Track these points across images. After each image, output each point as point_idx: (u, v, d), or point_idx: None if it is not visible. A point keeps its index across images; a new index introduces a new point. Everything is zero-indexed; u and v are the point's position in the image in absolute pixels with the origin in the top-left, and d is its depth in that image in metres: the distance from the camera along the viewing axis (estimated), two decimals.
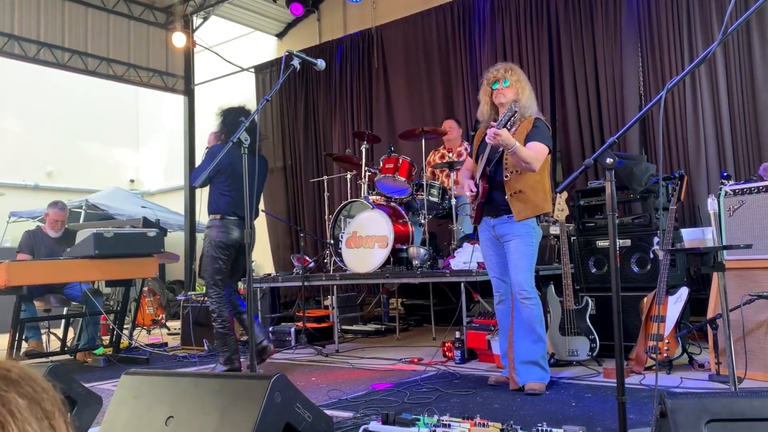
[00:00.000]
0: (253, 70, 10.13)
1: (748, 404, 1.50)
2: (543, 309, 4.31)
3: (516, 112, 3.46)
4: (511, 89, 3.62)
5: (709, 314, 3.66)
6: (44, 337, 5.96)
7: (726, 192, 3.64)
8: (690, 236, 3.23)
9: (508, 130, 3.56)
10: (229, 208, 4.42)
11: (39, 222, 8.57)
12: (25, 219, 10.65)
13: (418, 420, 2.48)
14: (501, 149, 3.51)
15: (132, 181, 14.47)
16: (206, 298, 4.60)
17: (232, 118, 4.47)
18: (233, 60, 10.03)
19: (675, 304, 3.83)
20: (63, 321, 6.00)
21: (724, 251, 3.46)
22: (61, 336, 5.81)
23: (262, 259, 9.99)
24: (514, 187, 3.56)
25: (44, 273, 4.94)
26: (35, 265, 5.02)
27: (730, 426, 1.49)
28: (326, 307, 7.26)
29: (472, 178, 3.79)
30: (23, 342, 5.38)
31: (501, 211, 3.63)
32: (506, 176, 3.60)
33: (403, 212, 5.69)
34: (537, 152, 3.49)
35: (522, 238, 3.56)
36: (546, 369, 3.57)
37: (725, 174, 4.26)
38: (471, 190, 3.70)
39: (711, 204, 3.06)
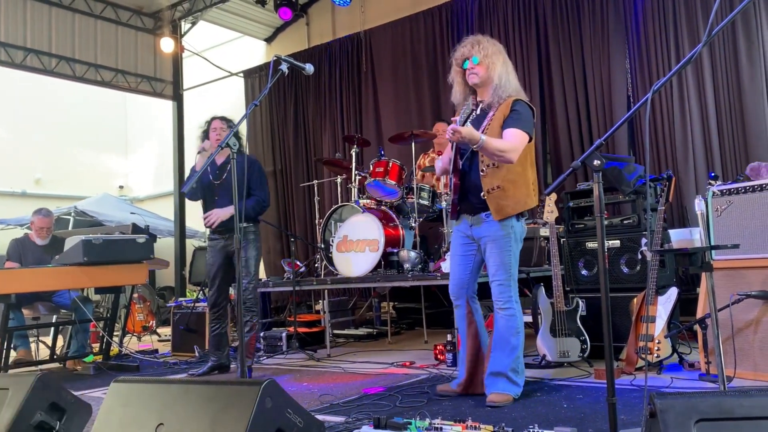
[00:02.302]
0: (242, 74, 10.12)
1: (737, 403, 1.51)
2: (533, 310, 4.34)
3: (473, 110, 3.17)
4: (482, 66, 3.25)
5: (699, 314, 3.68)
6: (33, 346, 5.91)
7: (714, 192, 3.66)
8: (678, 237, 3.25)
9: (480, 117, 3.31)
10: None
11: (26, 229, 8.51)
12: (13, 226, 10.56)
13: (410, 424, 2.48)
14: None
15: (121, 187, 14.40)
16: (245, 293, 4.77)
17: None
18: (222, 65, 10.01)
19: (664, 304, 3.85)
20: (52, 329, 5.95)
21: (712, 251, 3.49)
22: (50, 344, 5.76)
23: None
24: (492, 183, 3.23)
25: (32, 281, 4.90)
26: (23, 272, 4.97)
27: (719, 425, 1.49)
28: (317, 312, 7.25)
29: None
30: (11, 351, 5.33)
31: (478, 209, 3.32)
32: (482, 170, 3.25)
33: (393, 216, 5.69)
34: (512, 141, 3.13)
35: (499, 242, 3.27)
36: (516, 382, 3.31)
37: (713, 174, 4.29)
38: (444, 168, 3.43)
39: (698, 204, 3.08)
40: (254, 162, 4.91)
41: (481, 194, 3.26)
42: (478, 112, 3.37)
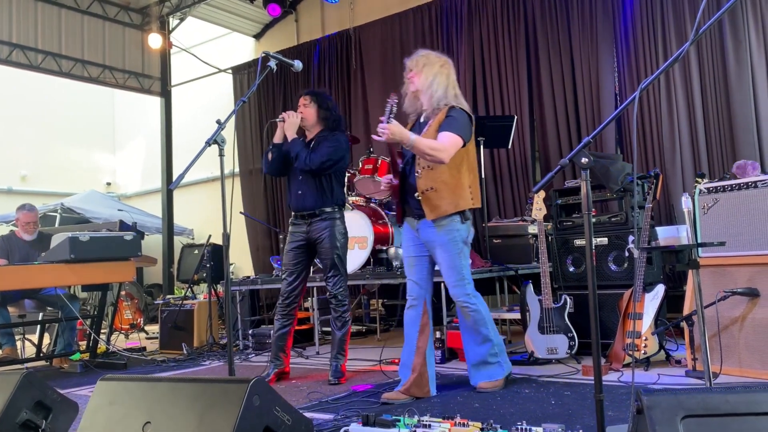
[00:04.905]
0: (230, 71, 10.07)
1: (723, 399, 1.52)
2: (522, 307, 4.36)
3: (395, 104, 3.24)
4: (416, 77, 3.42)
5: (686, 311, 3.71)
6: (19, 344, 5.86)
7: (700, 190, 3.69)
8: (665, 234, 3.27)
9: (422, 125, 3.40)
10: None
11: (12, 227, 8.44)
12: None
13: (399, 421, 2.48)
14: None
15: (108, 184, 14.28)
16: (336, 292, 4.17)
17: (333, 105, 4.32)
18: (210, 61, 9.95)
19: (652, 301, 3.88)
20: (38, 326, 5.90)
21: (699, 249, 3.52)
22: (36, 342, 5.71)
23: (242, 261, 9.93)
24: (426, 185, 3.33)
25: (19, 278, 4.85)
26: (9, 270, 4.92)
27: (705, 421, 1.50)
28: (306, 309, 7.23)
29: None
30: None
31: (418, 213, 3.40)
32: (417, 172, 3.35)
33: (382, 213, 5.69)
34: (444, 142, 3.22)
35: (445, 247, 3.35)
36: (499, 363, 3.48)
37: (700, 172, 4.33)
38: (386, 182, 3.52)
39: (685, 202, 3.10)
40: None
41: (416, 194, 3.34)
42: (422, 120, 3.47)
